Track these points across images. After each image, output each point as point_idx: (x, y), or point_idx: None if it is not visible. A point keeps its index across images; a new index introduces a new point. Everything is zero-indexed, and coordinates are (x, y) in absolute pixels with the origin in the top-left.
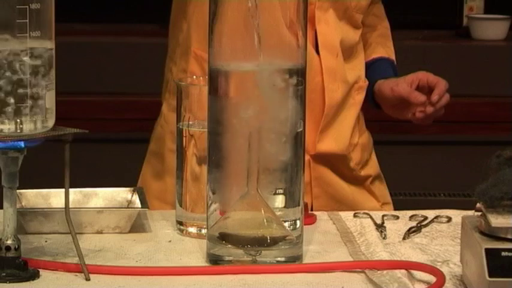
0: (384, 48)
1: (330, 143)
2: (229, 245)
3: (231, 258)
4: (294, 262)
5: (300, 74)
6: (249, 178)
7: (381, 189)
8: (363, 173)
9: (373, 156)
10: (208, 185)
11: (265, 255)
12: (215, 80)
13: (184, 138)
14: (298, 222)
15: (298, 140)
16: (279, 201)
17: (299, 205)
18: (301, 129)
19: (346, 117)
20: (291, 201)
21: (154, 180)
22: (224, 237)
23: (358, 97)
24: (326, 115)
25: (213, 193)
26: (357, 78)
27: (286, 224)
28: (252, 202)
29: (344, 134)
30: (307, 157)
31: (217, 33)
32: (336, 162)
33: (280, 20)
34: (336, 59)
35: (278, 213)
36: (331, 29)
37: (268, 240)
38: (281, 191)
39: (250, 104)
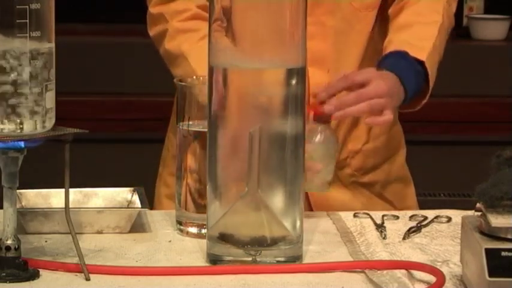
0: (394, 42)
1: None
2: (229, 245)
3: (231, 258)
4: (294, 262)
5: (299, 73)
6: (249, 178)
7: (399, 193)
8: (367, 179)
9: (393, 160)
10: (208, 185)
11: (265, 255)
12: (215, 79)
13: (184, 138)
14: (298, 222)
15: (298, 140)
16: (279, 201)
17: (299, 205)
18: (300, 128)
19: (338, 124)
20: (291, 200)
21: (165, 200)
22: (224, 237)
23: None
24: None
25: (213, 193)
26: None
27: (286, 224)
28: (252, 202)
29: None
30: None
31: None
32: None
33: (279, 19)
34: (327, 74)
35: (278, 213)
36: (327, 44)
37: (268, 240)
38: (281, 190)
39: (250, 103)
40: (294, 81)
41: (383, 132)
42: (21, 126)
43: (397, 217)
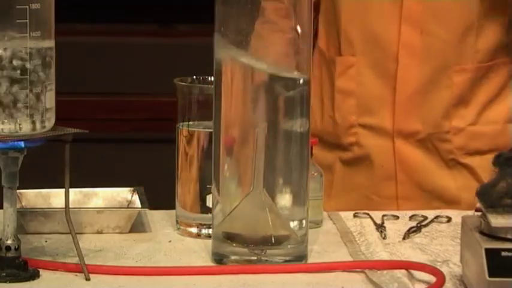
0: None
1: (414, 122)
2: (235, 244)
3: (236, 257)
4: (299, 261)
5: (306, 72)
6: (254, 177)
7: None
8: (467, 160)
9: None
10: (213, 185)
11: (270, 254)
12: (220, 78)
13: (184, 138)
14: (303, 221)
15: (303, 139)
16: (285, 200)
17: (305, 204)
18: (306, 128)
19: (437, 97)
20: (297, 200)
21: None
22: (229, 237)
23: (458, 79)
24: (399, 91)
25: (219, 192)
26: (458, 59)
27: (292, 224)
28: (258, 201)
29: (433, 113)
30: (389, 139)
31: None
32: (425, 145)
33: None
34: (420, 35)
35: (283, 212)
36: (421, 4)
37: (273, 240)
38: (287, 190)
39: (256, 102)
40: (300, 81)
41: (497, 121)
42: (20, 126)
43: (397, 217)
